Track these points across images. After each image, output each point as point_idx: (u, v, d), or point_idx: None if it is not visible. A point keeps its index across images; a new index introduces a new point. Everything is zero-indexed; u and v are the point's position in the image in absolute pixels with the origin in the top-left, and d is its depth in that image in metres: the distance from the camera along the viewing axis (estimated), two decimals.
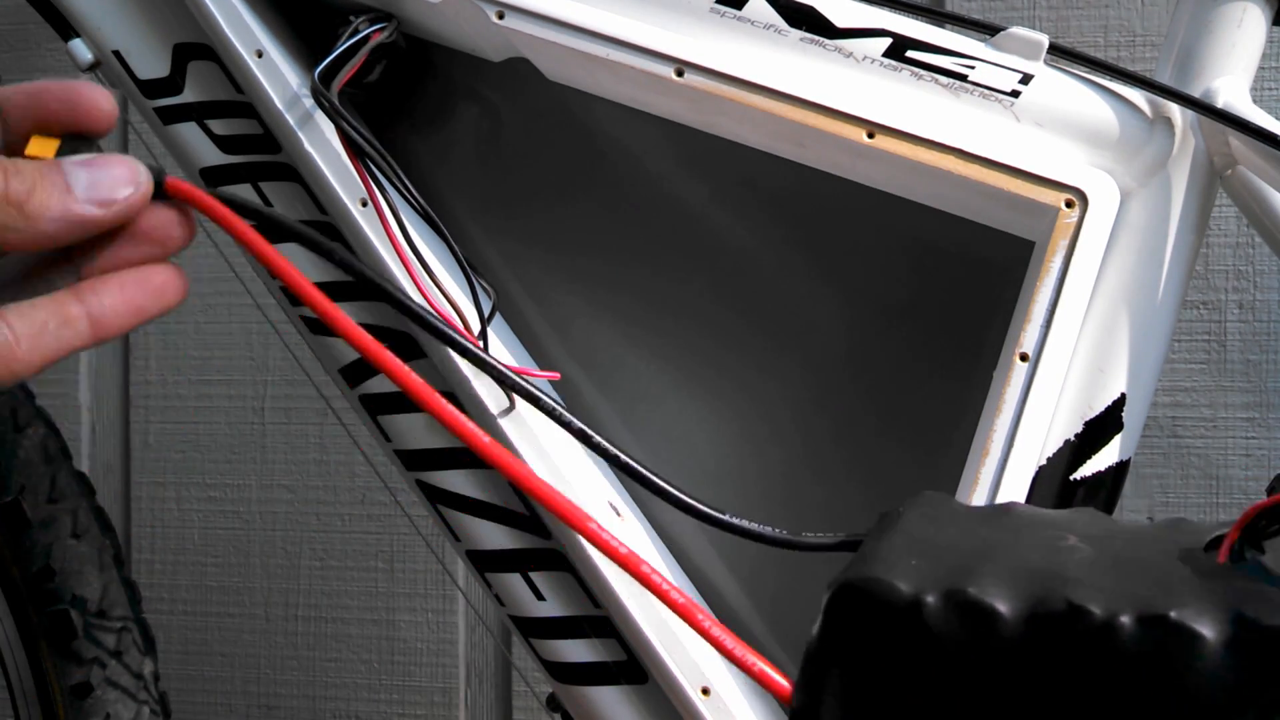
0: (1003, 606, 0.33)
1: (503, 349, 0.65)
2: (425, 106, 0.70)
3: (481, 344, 0.63)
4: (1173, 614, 0.31)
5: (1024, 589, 0.33)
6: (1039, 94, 0.60)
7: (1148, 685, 0.31)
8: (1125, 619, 0.32)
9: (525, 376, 0.64)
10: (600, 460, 0.68)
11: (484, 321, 0.63)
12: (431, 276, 0.63)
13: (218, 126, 0.68)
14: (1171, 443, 1.00)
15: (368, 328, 0.67)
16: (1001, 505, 0.39)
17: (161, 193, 0.45)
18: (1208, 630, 0.31)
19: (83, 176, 0.42)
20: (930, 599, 0.33)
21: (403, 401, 0.67)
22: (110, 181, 0.43)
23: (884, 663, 0.33)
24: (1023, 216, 0.61)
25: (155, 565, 1.22)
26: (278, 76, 0.65)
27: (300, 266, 0.68)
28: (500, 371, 0.57)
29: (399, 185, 0.62)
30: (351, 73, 0.63)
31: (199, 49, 0.68)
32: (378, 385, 0.67)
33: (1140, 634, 0.31)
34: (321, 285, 0.68)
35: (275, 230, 0.49)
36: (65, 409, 1.19)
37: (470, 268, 0.64)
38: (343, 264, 0.49)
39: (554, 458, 0.63)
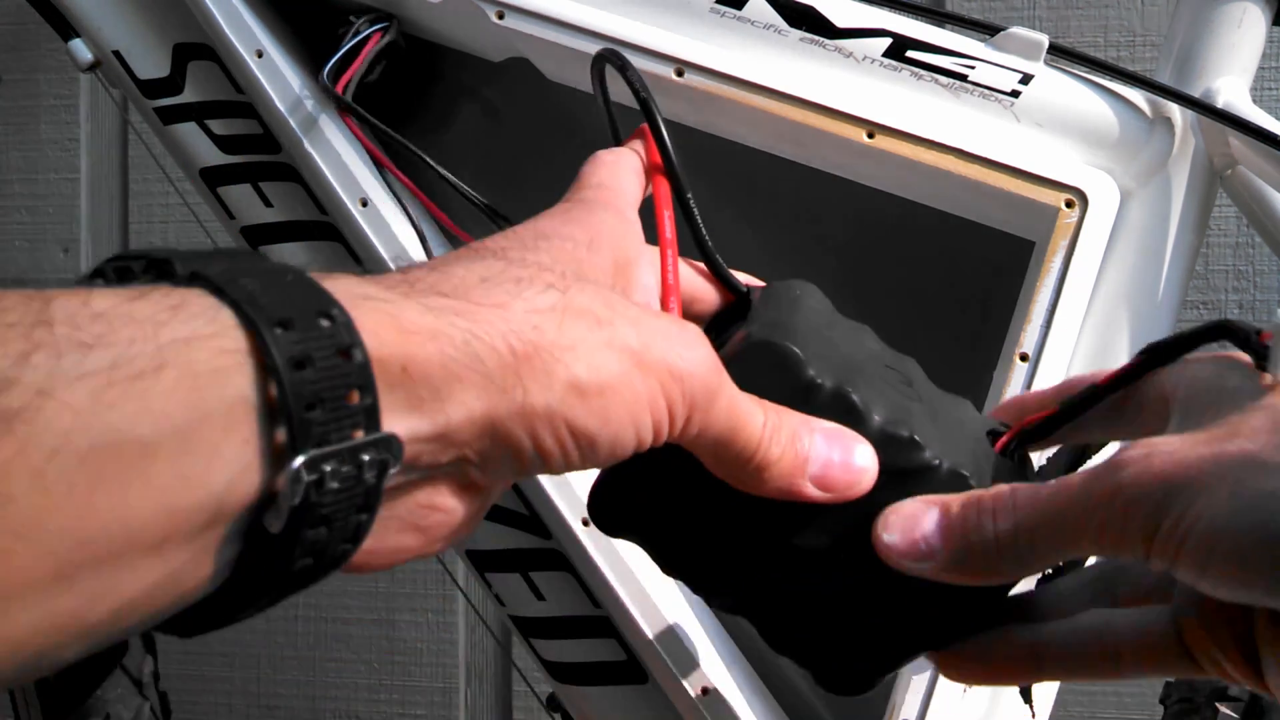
0: (874, 416, 0.41)
1: None
2: (426, 107, 0.70)
3: None
4: (973, 481, 0.41)
5: (886, 410, 0.41)
6: (1039, 94, 0.60)
7: None
8: (943, 465, 0.40)
9: None
10: None
11: None
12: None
13: (218, 126, 0.68)
14: None
15: None
16: (858, 325, 0.47)
17: None
18: None
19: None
20: (826, 385, 0.41)
21: None
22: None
23: None
24: (1023, 216, 0.61)
25: None
26: (278, 76, 0.65)
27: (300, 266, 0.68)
28: None
29: (432, 172, 0.62)
30: (352, 71, 0.63)
31: (199, 49, 0.68)
32: None
33: (949, 483, 0.40)
34: None
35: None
36: None
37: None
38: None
39: None
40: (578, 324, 0.33)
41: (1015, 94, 0.60)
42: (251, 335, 0.26)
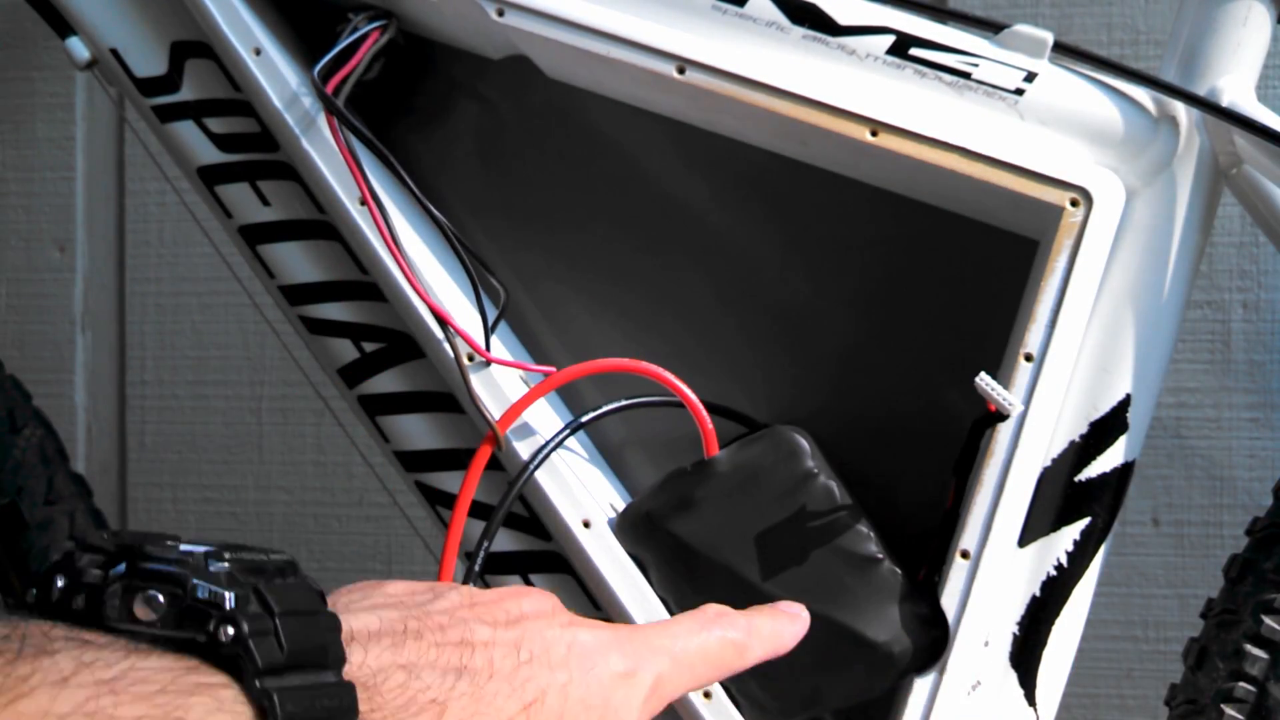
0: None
1: (500, 345, 0.64)
2: (425, 105, 0.70)
3: (485, 345, 0.63)
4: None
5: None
6: (1043, 92, 0.60)
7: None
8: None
9: (525, 370, 0.64)
10: (602, 462, 0.67)
11: (486, 325, 0.63)
12: (423, 278, 0.63)
13: (215, 125, 0.68)
14: (1176, 444, 1.00)
15: (364, 328, 0.67)
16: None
17: None
18: None
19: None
20: (820, 477, 0.62)
21: (402, 403, 0.67)
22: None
23: None
24: (1027, 215, 0.60)
25: None
26: (276, 74, 0.65)
27: (298, 264, 0.68)
28: None
29: (403, 183, 0.62)
30: (348, 70, 0.63)
31: (197, 47, 0.68)
32: (377, 386, 0.67)
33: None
34: (320, 285, 0.67)
35: None
36: (61, 410, 1.18)
37: (481, 264, 0.63)
38: None
39: (555, 460, 0.62)
40: None
41: (1019, 92, 0.60)
42: None
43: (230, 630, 0.30)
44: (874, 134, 0.60)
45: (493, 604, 0.42)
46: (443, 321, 0.62)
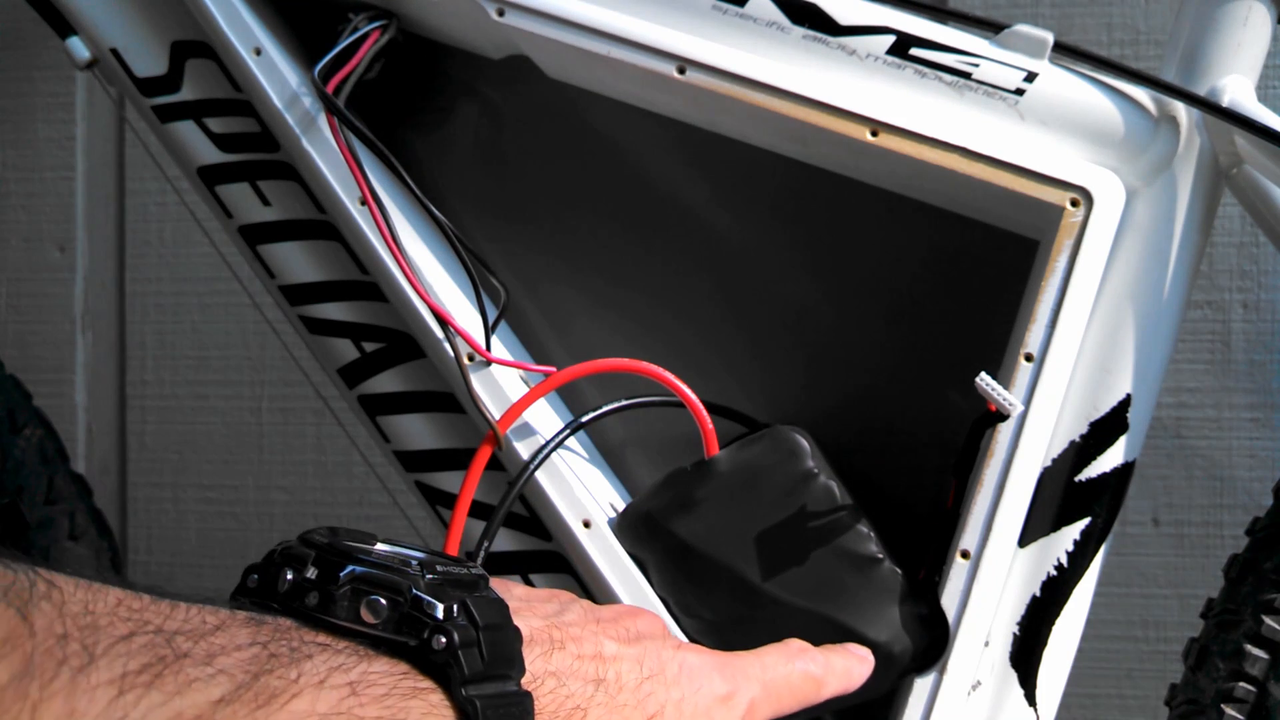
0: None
1: (500, 345, 0.64)
2: (425, 105, 0.70)
3: (485, 344, 0.63)
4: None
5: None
6: (1043, 92, 0.60)
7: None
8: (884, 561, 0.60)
9: (524, 370, 0.64)
10: (602, 462, 0.67)
11: (487, 325, 0.63)
12: (423, 277, 0.63)
13: (216, 125, 0.68)
14: (1176, 444, 1.00)
15: (364, 328, 0.67)
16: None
17: None
18: None
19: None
20: (820, 476, 0.61)
21: (402, 402, 0.67)
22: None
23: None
24: (1027, 215, 0.60)
25: (151, 567, 1.21)
26: (276, 74, 0.65)
27: (298, 264, 0.68)
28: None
29: (403, 183, 0.62)
30: (348, 70, 0.63)
31: (197, 47, 0.68)
32: (377, 385, 0.67)
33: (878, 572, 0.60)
34: (321, 285, 0.67)
35: None
36: (61, 410, 1.19)
37: (481, 264, 0.63)
38: None
39: (555, 460, 0.62)
40: None
41: (1020, 92, 0.60)
42: None
43: (442, 640, 0.35)
44: (874, 134, 0.60)
45: (613, 621, 0.48)
46: (443, 321, 0.62)
